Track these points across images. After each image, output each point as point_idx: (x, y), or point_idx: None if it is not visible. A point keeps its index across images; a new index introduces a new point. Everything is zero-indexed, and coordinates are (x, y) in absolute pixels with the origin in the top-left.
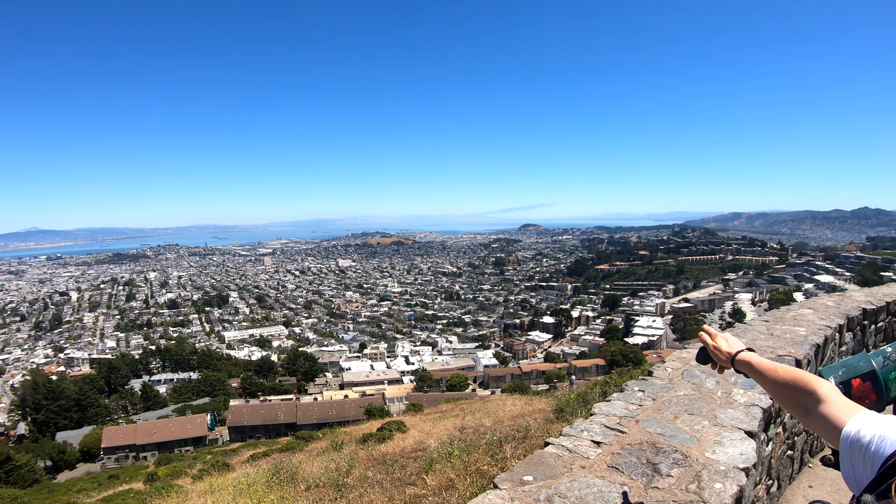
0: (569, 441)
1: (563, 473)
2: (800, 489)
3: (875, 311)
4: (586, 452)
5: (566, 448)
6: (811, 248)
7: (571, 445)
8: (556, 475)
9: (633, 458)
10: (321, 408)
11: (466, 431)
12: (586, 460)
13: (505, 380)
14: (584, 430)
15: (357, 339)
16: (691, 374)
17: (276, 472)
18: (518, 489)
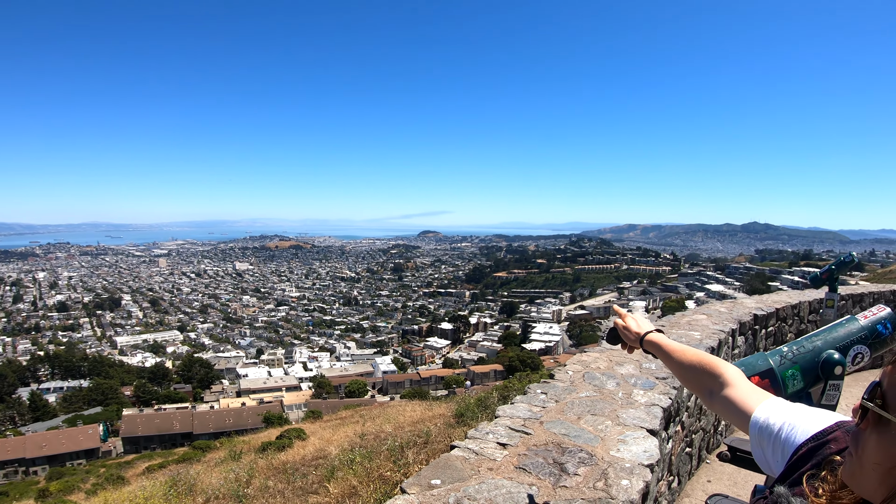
0: (475, 444)
1: (471, 476)
2: (699, 484)
3: (765, 316)
4: (493, 454)
5: (472, 451)
6: (703, 258)
7: (478, 448)
8: (464, 478)
9: (539, 458)
10: (218, 416)
11: (367, 438)
12: (493, 462)
13: (404, 386)
14: (490, 432)
15: (254, 344)
16: (592, 377)
17: (173, 484)
18: (427, 493)
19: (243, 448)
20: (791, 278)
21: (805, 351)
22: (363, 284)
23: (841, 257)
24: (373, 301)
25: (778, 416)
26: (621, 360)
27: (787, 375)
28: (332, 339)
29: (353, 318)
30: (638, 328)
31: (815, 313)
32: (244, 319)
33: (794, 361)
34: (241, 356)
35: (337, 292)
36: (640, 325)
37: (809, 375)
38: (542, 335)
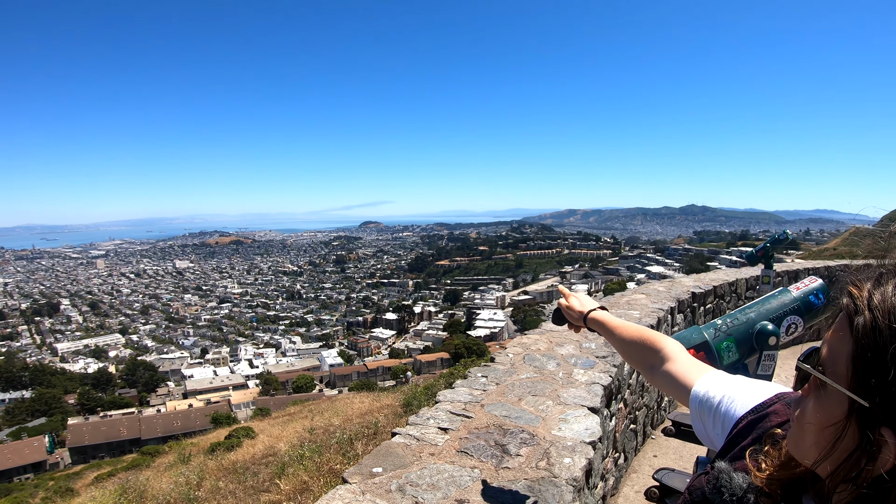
0: (416, 430)
1: (412, 462)
2: (645, 459)
3: (703, 294)
4: (434, 440)
5: (414, 437)
6: (643, 241)
7: (419, 434)
8: (406, 464)
9: (481, 441)
10: (165, 420)
11: (316, 432)
12: (435, 447)
13: (351, 378)
14: (431, 417)
15: (198, 344)
16: (532, 359)
17: (123, 492)
18: (368, 482)
19: (192, 450)
20: (729, 258)
21: (739, 323)
22: (306, 278)
23: (776, 235)
24: (316, 294)
25: (717, 389)
26: (561, 341)
27: (723, 347)
28: (277, 334)
29: (297, 312)
30: (581, 307)
31: (753, 290)
32: (187, 319)
33: (729, 334)
34: (185, 357)
35: (279, 287)
36: (583, 304)
37: (744, 347)
38: (487, 321)
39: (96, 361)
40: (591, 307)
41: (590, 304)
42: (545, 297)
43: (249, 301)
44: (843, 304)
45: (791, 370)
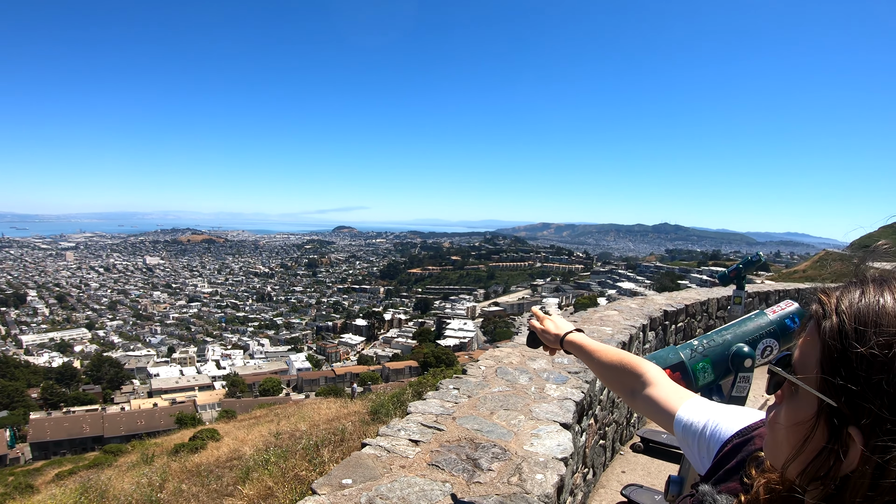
0: (386, 441)
1: (383, 474)
2: (614, 475)
3: (675, 312)
4: (405, 452)
5: (384, 448)
6: (615, 257)
7: (389, 445)
8: (376, 476)
9: (452, 454)
10: (129, 418)
11: (282, 437)
12: (406, 459)
13: (319, 383)
14: (402, 429)
15: (165, 342)
16: (505, 372)
17: (84, 491)
18: (338, 493)
19: (156, 451)
20: (700, 277)
21: (715, 344)
22: (277, 280)
23: (748, 257)
24: (287, 297)
25: (702, 415)
26: (534, 356)
27: (698, 368)
28: (246, 336)
29: (266, 314)
30: (557, 329)
31: (723, 310)
32: (155, 316)
33: (705, 354)
34: (151, 355)
35: (250, 288)
36: (558, 326)
37: (720, 368)
38: (457, 331)
39: (61, 356)
40: (566, 329)
41: (565, 326)
42: (516, 310)
43: (219, 301)
44: (813, 311)
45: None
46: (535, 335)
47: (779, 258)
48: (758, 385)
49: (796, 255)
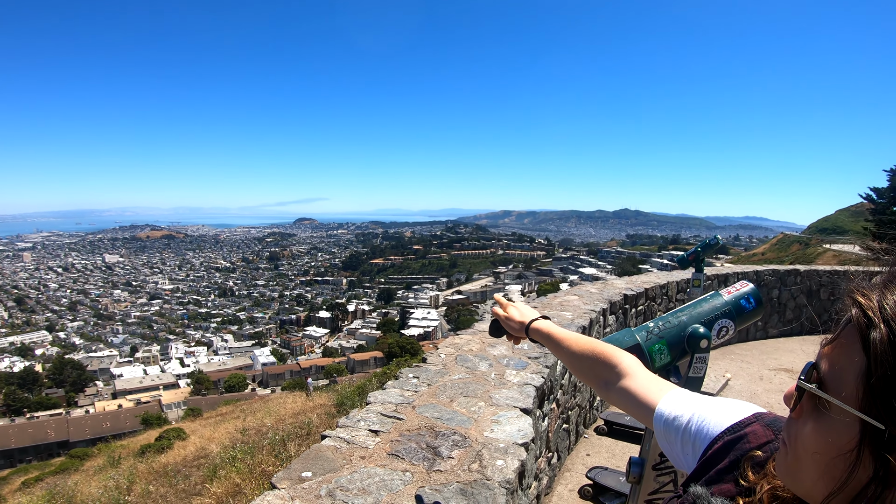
0: (346, 432)
1: (342, 466)
2: (578, 458)
3: (635, 296)
4: (365, 442)
5: (344, 440)
6: (576, 243)
7: (349, 437)
8: (336, 468)
9: (412, 443)
10: (94, 421)
11: (249, 433)
12: (365, 450)
13: (284, 377)
14: (361, 419)
15: (128, 341)
16: (465, 359)
17: (51, 497)
18: (298, 487)
19: (122, 453)
20: (660, 261)
21: (671, 326)
22: (238, 274)
23: (706, 240)
24: (249, 291)
25: (685, 408)
26: (494, 342)
27: (654, 350)
28: (209, 332)
29: (229, 309)
30: (521, 317)
31: (683, 292)
32: (116, 315)
33: (661, 336)
34: (114, 355)
35: (212, 283)
36: (523, 314)
37: (676, 349)
38: (421, 321)
39: (22, 360)
40: (532, 317)
41: (530, 313)
42: (479, 297)
43: (181, 297)
44: (853, 316)
45: (720, 370)
46: (499, 323)
47: (738, 241)
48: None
49: (755, 238)
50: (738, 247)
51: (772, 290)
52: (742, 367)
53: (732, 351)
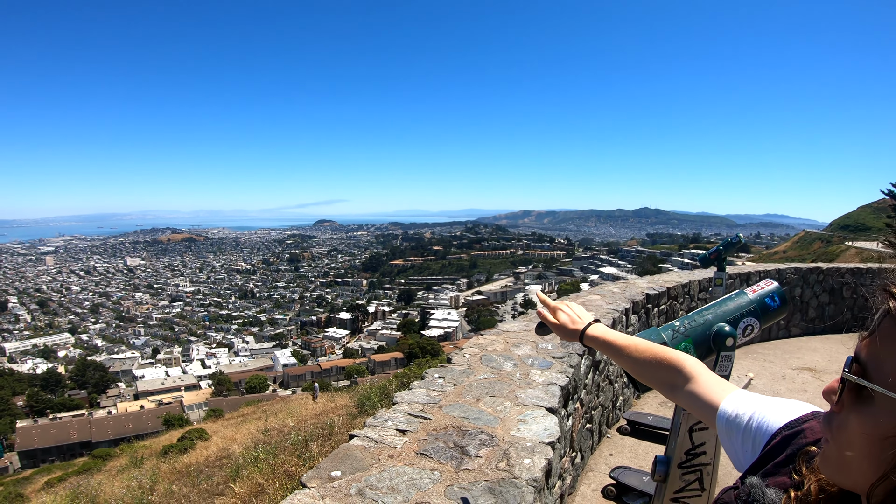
0: (374, 432)
1: (371, 465)
2: (602, 458)
3: (657, 295)
4: (393, 442)
5: (372, 439)
6: (596, 243)
7: (377, 436)
8: (365, 467)
9: (440, 443)
10: (117, 422)
11: (270, 433)
12: (394, 449)
13: (305, 378)
14: (388, 419)
15: (149, 343)
16: (489, 359)
17: (74, 497)
18: (328, 486)
19: (145, 453)
20: (681, 260)
21: (697, 325)
22: (259, 276)
23: (728, 238)
24: (269, 293)
25: (747, 407)
26: (518, 342)
27: (681, 349)
28: (230, 333)
29: (250, 311)
30: (574, 324)
31: (705, 291)
32: (138, 318)
33: (687, 335)
34: (136, 357)
35: (232, 285)
36: (575, 318)
37: (702, 348)
38: (441, 321)
39: (45, 362)
40: (585, 321)
41: (585, 316)
42: (499, 298)
43: (202, 300)
44: (891, 308)
45: (742, 370)
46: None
47: (759, 240)
48: (739, 364)
49: (776, 236)
50: (759, 245)
51: (794, 289)
52: (764, 366)
53: (755, 350)
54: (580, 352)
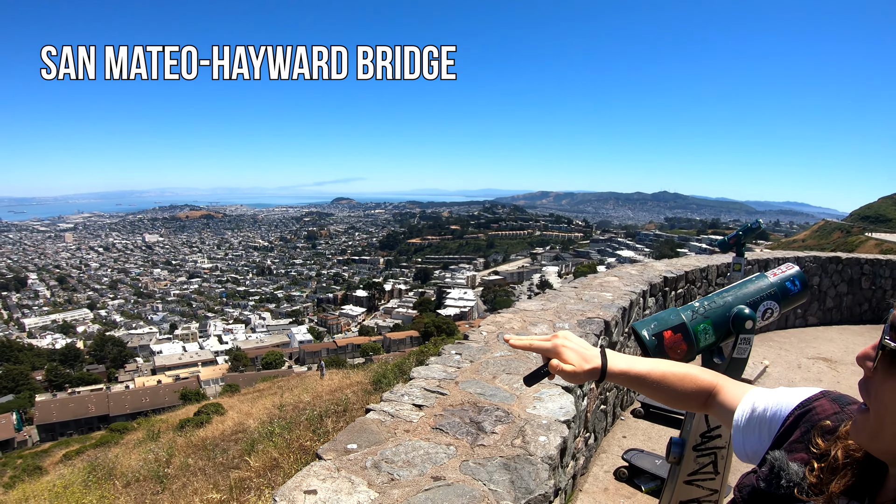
0: (390, 406)
1: (387, 439)
2: (615, 440)
3: (675, 278)
4: (409, 416)
5: (388, 413)
6: (614, 226)
7: (393, 410)
8: (381, 441)
9: (456, 418)
10: (134, 396)
11: (286, 409)
12: (410, 424)
13: (321, 355)
14: (405, 394)
15: (167, 319)
16: None
17: (92, 469)
18: (343, 458)
19: (161, 427)
20: (699, 245)
21: (716, 306)
22: (276, 253)
23: (748, 224)
24: (287, 270)
25: (761, 401)
26: (535, 321)
27: (699, 330)
28: (247, 310)
29: (267, 288)
30: (580, 364)
31: (723, 277)
32: (156, 294)
33: (706, 316)
34: (154, 332)
35: (250, 262)
36: (585, 359)
37: (721, 330)
38: (457, 301)
39: (64, 337)
40: (597, 359)
41: (593, 354)
42: (516, 278)
43: (219, 276)
44: None
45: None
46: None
47: (778, 227)
48: (755, 352)
49: (795, 224)
50: (778, 232)
51: (812, 278)
52: (780, 354)
53: (771, 338)
54: (597, 332)
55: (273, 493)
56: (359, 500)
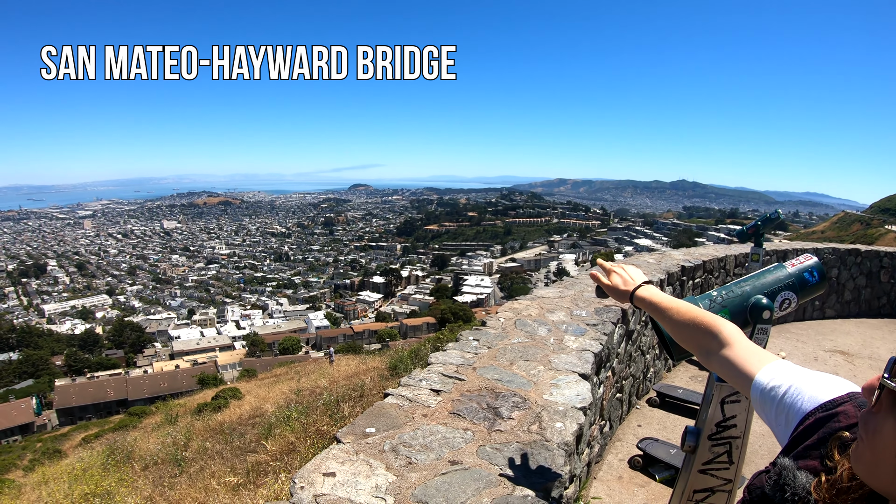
0: (408, 391)
1: (405, 423)
2: (630, 428)
3: (693, 268)
4: (427, 401)
5: (406, 398)
6: (632, 214)
7: (411, 395)
8: (399, 425)
9: (473, 403)
10: (152, 380)
11: (303, 394)
12: (427, 409)
13: (338, 340)
14: (423, 379)
15: (185, 305)
16: (524, 324)
17: (111, 453)
18: (362, 442)
19: (179, 411)
20: (717, 234)
21: (734, 296)
22: (294, 240)
23: (767, 214)
24: (304, 256)
25: (783, 379)
26: (552, 308)
27: None
28: (264, 296)
29: (284, 273)
30: (625, 284)
31: (741, 267)
32: (174, 279)
33: (724, 305)
34: (172, 317)
35: (267, 248)
36: (627, 280)
37: (738, 319)
38: (474, 287)
39: (83, 322)
40: (638, 282)
41: (638, 277)
42: (533, 266)
43: (237, 262)
44: None
45: (774, 349)
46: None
47: (797, 218)
48: (772, 343)
49: (815, 215)
50: (797, 223)
51: (831, 270)
52: (797, 346)
53: (788, 329)
54: (614, 320)
55: (291, 475)
56: (377, 482)
